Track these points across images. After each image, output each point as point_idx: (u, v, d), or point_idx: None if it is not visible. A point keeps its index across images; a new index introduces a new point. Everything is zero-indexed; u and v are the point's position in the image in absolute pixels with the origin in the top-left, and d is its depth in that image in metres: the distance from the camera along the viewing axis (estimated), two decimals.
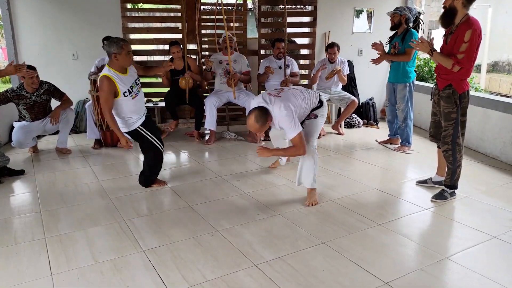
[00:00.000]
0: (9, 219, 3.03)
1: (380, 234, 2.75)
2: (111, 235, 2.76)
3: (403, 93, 4.62)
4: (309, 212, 3.11)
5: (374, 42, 4.60)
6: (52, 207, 3.22)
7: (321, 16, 6.08)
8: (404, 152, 4.71)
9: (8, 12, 5.25)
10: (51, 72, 5.30)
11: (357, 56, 6.49)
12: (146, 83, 6.20)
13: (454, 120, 3.17)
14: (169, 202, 3.35)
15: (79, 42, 5.59)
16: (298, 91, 3.26)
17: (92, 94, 4.80)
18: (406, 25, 4.55)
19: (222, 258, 2.45)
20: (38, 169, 4.18)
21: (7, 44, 5.44)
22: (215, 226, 2.86)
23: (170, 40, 5.42)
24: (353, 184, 3.70)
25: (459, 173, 3.29)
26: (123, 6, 5.53)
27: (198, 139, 5.27)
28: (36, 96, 4.45)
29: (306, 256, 2.47)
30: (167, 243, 2.63)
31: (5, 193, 3.56)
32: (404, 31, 4.53)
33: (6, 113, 4.91)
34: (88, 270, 2.33)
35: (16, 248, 2.60)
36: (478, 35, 2.99)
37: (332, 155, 4.68)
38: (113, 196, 3.44)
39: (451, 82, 3.15)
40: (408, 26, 4.55)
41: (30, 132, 4.50)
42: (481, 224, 2.91)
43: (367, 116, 6.29)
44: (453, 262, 2.41)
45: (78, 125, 5.63)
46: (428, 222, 3.03)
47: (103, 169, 4.17)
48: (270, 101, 3.04)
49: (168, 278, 2.25)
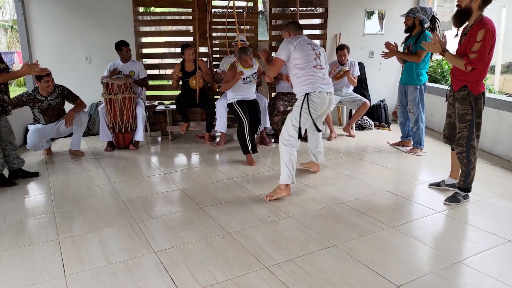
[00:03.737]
0: (24, 220, 3.08)
1: (392, 237, 2.73)
2: (123, 236, 2.78)
3: (414, 95, 4.58)
4: (320, 214, 3.10)
5: (388, 42, 4.57)
6: (65, 209, 3.26)
7: (332, 18, 6.06)
8: (417, 155, 4.67)
9: (23, 17, 5.35)
10: (64, 76, 5.39)
11: (369, 58, 6.46)
12: (157, 86, 6.26)
13: (469, 122, 3.13)
14: (180, 204, 3.37)
15: (92, 46, 5.67)
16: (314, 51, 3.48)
17: (104, 97, 4.85)
18: (421, 26, 4.49)
19: (233, 260, 2.45)
20: (52, 171, 4.24)
21: (22, 48, 5.55)
22: (226, 228, 2.87)
23: (181, 43, 5.46)
24: (365, 187, 3.67)
25: (473, 175, 3.24)
26: (135, 10, 5.59)
27: (209, 141, 5.30)
28: (51, 100, 4.52)
29: (317, 258, 2.46)
30: (178, 244, 2.65)
31: (20, 195, 3.61)
32: (418, 32, 4.48)
33: (21, 116, 5.00)
34: (100, 271, 2.35)
35: (30, 248, 2.64)
36: (491, 35, 2.95)
37: (343, 157, 4.66)
38: (125, 197, 3.47)
39: (467, 84, 3.10)
40: (423, 28, 4.48)
41: (45, 134, 4.58)
42: (495, 227, 2.87)
43: (378, 118, 6.25)
44: (466, 266, 2.38)
45: (91, 128, 5.70)
46: (441, 225, 2.99)
47: (116, 171, 4.21)
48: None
49: (179, 279, 2.26)
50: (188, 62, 5.20)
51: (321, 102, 3.46)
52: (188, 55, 5.13)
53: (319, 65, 3.48)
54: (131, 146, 5.05)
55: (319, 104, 3.46)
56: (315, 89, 3.40)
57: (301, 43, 3.42)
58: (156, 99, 6.19)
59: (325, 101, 3.49)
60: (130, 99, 4.89)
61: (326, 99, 3.49)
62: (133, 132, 5.06)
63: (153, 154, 4.95)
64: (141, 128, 5.04)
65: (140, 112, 5.03)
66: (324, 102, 3.48)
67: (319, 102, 3.44)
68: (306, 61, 3.41)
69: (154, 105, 5.89)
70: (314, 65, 3.42)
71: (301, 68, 3.42)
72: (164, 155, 4.92)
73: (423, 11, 4.46)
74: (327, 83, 3.51)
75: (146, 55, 5.98)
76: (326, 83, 3.49)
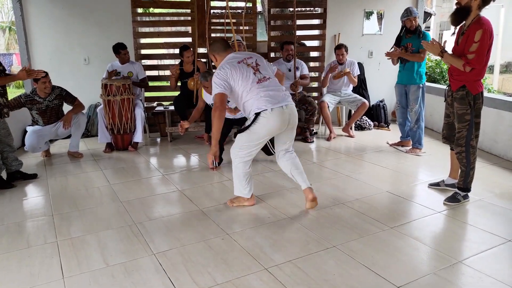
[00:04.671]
0: (22, 222, 3.07)
1: (392, 238, 2.72)
2: (122, 238, 2.77)
3: (417, 94, 4.58)
4: (319, 215, 3.09)
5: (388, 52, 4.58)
6: (64, 211, 3.25)
7: (330, 18, 6.06)
8: (416, 154, 4.66)
9: (21, 18, 5.34)
10: (63, 77, 5.38)
11: (368, 58, 6.45)
12: (156, 87, 6.25)
13: (468, 121, 3.12)
14: (179, 205, 3.36)
15: (91, 47, 5.65)
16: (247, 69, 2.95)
17: (103, 98, 4.84)
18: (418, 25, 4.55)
19: (232, 262, 2.44)
20: (51, 173, 4.23)
21: (21, 49, 5.53)
22: (226, 230, 2.85)
23: (180, 44, 5.45)
24: (364, 187, 3.67)
25: (473, 175, 3.23)
26: (134, 11, 5.59)
27: (208, 142, 5.28)
28: (49, 101, 4.51)
29: (317, 259, 2.45)
30: (177, 246, 2.64)
31: (18, 197, 3.60)
32: (417, 32, 4.50)
33: (19, 117, 4.98)
34: (99, 273, 2.34)
35: (28, 251, 2.62)
36: (489, 35, 2.95)
37: (342, 157, 4.65)
38: (124, 199, 3.46)
39: (465, 83, 3.10)
40: (418, 26, 4.53)
41: (43, 136, 4.56)
42: (495, 227, 2.86)
43: (377, 118, 6.24)
44: (466, 266, 2.37)
45: (89, 129, 5.69)
46: (441, 225, 2.99)
47: (114, 173, 4.20)
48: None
49: (178, 282, 2.25)
50: (186, 64, 5.20)
51: (273, 122, 2.89)
52: (188, 58, 5.13)
53: (262, 77, 2.97)
54: (130, 147, 5.04)
55: (271, 125, 2.90)
56: (266, 107, 2.87)
57: (232, 67, 2.92)
58: (155, 100, 6.19)
59: (279, 119, 2.90)
60: (129, 100, 4.88)
61: (280, 116, 2.89)
62: (132, 134, 5.05)
63: (152, 155, 4.94)
64: (140, 129, 5.03)
65: (139, 113, 5.02)
66: (278, 120, 2.89)
67: (270, 123, 2.89)
68: (246, 83, 2.92)
69: (153, 106, 5.89)
70: (257, 81, 2.93)
71: (246, 91, 2.92)
72: (163, 156, 4.91)
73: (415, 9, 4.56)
74: (281, 96, 2.95)
75: (145, 56, 5.97)
76: (279, 97, 2.93)
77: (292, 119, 3.00)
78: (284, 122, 2.93)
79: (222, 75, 2.90)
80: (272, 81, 2.99)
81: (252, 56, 3.05)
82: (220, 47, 3.09)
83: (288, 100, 2.96)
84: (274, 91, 2.94)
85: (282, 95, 2.96)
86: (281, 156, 3.18)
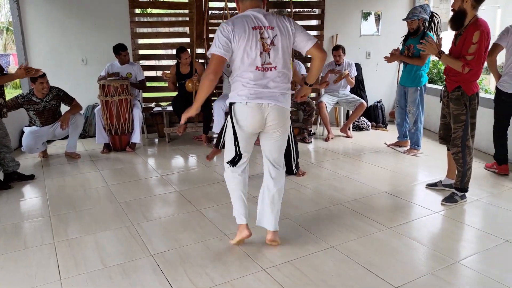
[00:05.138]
0: (19, 223, 3.06)
1: (390, 238, 2.72)
2: (119, 239, 2.76)
3: (414, 96, 4.58)
4: (317, 215, 3.09)
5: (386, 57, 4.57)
6: (61, 212, 3.24)
7: (328, 19, 6.07)
8: (414, 155, 4.67)
9: (19, 18, 5.32)
10: (60, 77, 5.36)
11: (365, 59, 6.46)
12: (154, 88, 6.24)
13: (464, 122, 3.14)
14: (177, 206, 3.35)
15: (88, 48, 5.64)
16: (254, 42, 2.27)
17: (101, 99, 4.83)
18: (423, 27, 4.44)
19: (230, 262, 2.44)
20: (48, 173, 4.21)
21: (18, 50, 5.51)
22: (224, 230, 2.85)
23: (178, 44, 5.45)
24: (362, 187, 3.67)
25: (469, 175, 3.25)
26: (132, 11, 5.59)
27: (206, 143, 5.28)
28: (46, 102, 4.50)
29: (315, 260, 2.45)
30: (175, 247, 2.63)
31: (15, 198, 3.59)
32: (421, 33, 4.41)
33: (17, 118, 4.96)
34: (97, 275, 2.34)
35: (25, 252, 2.61)
36: (486, 36, 2.97)
37: (340, 158, 4.65)
38: (122, 200, 3.45)
39: (460, 84, 3.12)
40: (425, 28, 4.43)
41: (40, 137, 4.55)
42: (492, 227, 2.87)
43: (375, 118, 6.25)
44: (464, 266, 2.38)
45: (87, 130, 5.67)
46: (438, 225, 2.99)
47: (112, 174, 4.19)
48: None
49: (177, 283, 2.24)
50: (183, 65, 5.21)
51: (245, 118, 2.35)
52: (185, 59, 5.14)
53: (267, 63, 2.32)
54: (127, 148, 5.03)
55: (243, 121, 2.37)
56: (241, 100, 2.33)
57: (241, 28, 2.26)
58: (153, 101, 6.18)
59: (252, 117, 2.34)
60: (127, 101, 4.87)
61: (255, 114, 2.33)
62: (129, 134, 5.04)
63: (150, 156, 4.93)
64: (137, 130, 5.02)
65: (136, 113, 5.01)
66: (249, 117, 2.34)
67: (242, 118, 2.36)
68: (244, 61, 2.31)
69: (151, 107, 5.88)
70: (256, 67, 2.30)
71: (240, 70, 2.34)
72: (161, 157, 4.90)
73: (424, 11, 4.38)
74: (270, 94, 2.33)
75: (142, 56, 5.97)
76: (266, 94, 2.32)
77: (271, 120, 2.37)
78: (258, 121, 2.35)
79: (226, 32, 2.27)
80: (275, 74, 2.34)
81: (275, 28, 2.30)
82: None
83: (278, 101, 2.34)
84: (266, 88, 2.32)
85: (273, 93, 2.33)
86: (265, 171, 2.59)
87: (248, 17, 2.30)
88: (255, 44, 2.27)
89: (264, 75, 2.32)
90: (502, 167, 3.95)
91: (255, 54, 2.28)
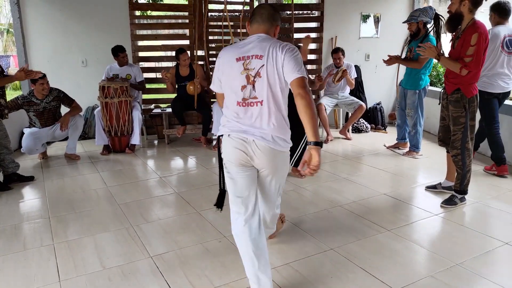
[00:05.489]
0: (18, 225, 3.05)
1: (389, 240, 2.72)
2: (119, 241, 2.76)
3: (413, 99, 4.58)
4: (317, 217, 3.09)
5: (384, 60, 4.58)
6: (60, 213, 3.24)
7: (328, 21, 6.08)
8: (413, 157, 4.68)
9: (19, 20, 5.32)
10: (60, 79, 5.36)
11: (365, 61, 6.47)
12: (153, 89, 6.25)
13: (463, 124, 3.14)
14: (176, 208, 3.35)
15: (88, 49, 5.65)
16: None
17: (100, 100, 4.83)
18: (426, 29, 4.39)
19: (229, 264, 2.44)
20: (47, 175, 4.21)
21: (18, 51, 5.52)
22: (223, 232, 2.85)
23: (177, 46, 5.45)
24: (362, 190, 3.67)
25: (469, 178, 3.25)
26: (132, 13, 5.60)
27: (205, 144, 5.28)
28: (46, 103, 4.50)
29: (314, 262, 2.45)
30: (174, 249, 2.63)
31: (15, 199, 3.58)
32: (422, 36, 4.38)
33: (16, 119, 4.96)
34: (96, 276, 2.33)
35: (24, 254, 2.61)
36: (484, 38, 2.98)
37: (340, 160, 4.66)
38: (121, 202, 3.45)
39: (460, 86, 3.12)
40: (427, 30, 4.38)
41: (40, 138, 4.55)
42: (492, 230, 2.87)
43: (374, 120, 6.26)
44: (464, 269, 2.37)
45: (87, 131, 5.67)
46: (438, 228, 2.99)
47: (112, 175, 4.19)
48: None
49: (176, 284, 2.24)
50: (182, 67, 5.21)
51: (227, 146, 2.06)
52: (184, 61, 5.15)
53: (251, 98, 1.99)
54: (127, 149, 5.03)
55: (226, 151, 2.08)
56: (224, 133, 2.08)
57: (227, 61, 2.06)
58: (153, 103, 6.18)
59: (234, 146, 2.02)
60: (126, 103, 4.88)
61: (237, 144, 2.01)
62: (129, 136, 5.04)
63: (149, 158, 4.93)
64: (137, 132, 5.02)
65: (136, 115, 5.01)
66: (231, 146, 2.03)
67: (225, 150, 2.08)
68: (228, 93, 2.07)
69: (150, 109, 5.88)
70: (237, 102, 2.01)
71: (226, 102, 2.11)
72: (161, 159, 4.90)
73: (425, 13, 4.34)
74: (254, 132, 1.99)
75: (142, 58, 5.97)
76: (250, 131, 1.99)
77: (258, 157, 2.01)
78: (241, 156, 2.03)
79: (216, 67, 2.13)
80: (262, 110, 1.98)
81: (264, 57, 1.98)
82: (254, 15, 2.14)
83: (266, 140, 1.98)
84: (253, 127, 2.00)
85: (262, 132, 1.99)
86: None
87: (238, 46, 2.07)
88: (238, 77, 2.00)
89: (246, 111, 2.01)
90: (501, 167, 3.95)
91: (237, 88, 2.00)
